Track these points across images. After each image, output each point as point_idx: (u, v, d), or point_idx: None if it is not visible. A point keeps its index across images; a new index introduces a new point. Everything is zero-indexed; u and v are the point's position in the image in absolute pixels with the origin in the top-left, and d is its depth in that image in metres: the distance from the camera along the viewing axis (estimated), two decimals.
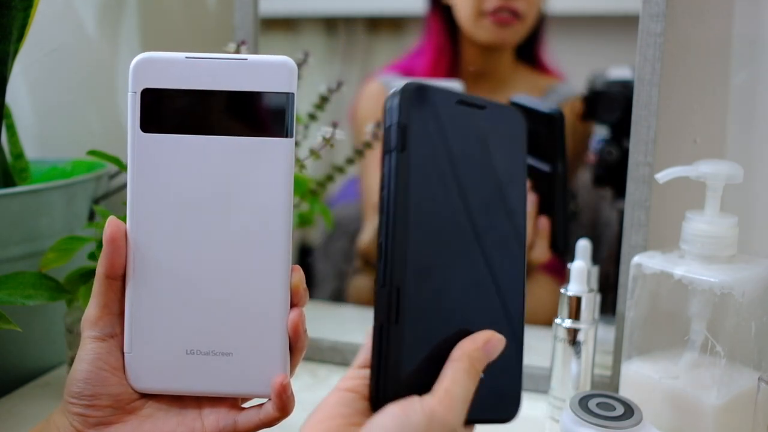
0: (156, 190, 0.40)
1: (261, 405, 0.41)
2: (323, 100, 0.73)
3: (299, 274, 0.41)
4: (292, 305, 0.41)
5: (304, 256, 0.84)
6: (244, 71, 0.39)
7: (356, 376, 0.36)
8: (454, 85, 0.73)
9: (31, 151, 0.82)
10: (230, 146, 0.40)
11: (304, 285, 0.41)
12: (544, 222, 0.72)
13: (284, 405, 0.40)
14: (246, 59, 0.39)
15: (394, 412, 0.33)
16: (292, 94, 0.39)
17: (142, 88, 0.39)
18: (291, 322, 0.40)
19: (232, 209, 0.40)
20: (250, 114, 0.40)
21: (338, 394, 0.35)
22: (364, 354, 0.37)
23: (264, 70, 0.39)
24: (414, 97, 0.37)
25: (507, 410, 0.39)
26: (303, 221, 0.78)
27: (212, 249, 0.40)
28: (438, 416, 0.33)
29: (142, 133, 0.40)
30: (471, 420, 0.37)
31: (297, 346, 0.41)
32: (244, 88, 0.39)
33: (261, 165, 0.40)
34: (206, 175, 0.40)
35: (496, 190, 0.39)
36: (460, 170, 0.38)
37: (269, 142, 0.40)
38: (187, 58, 0.39)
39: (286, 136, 0.40)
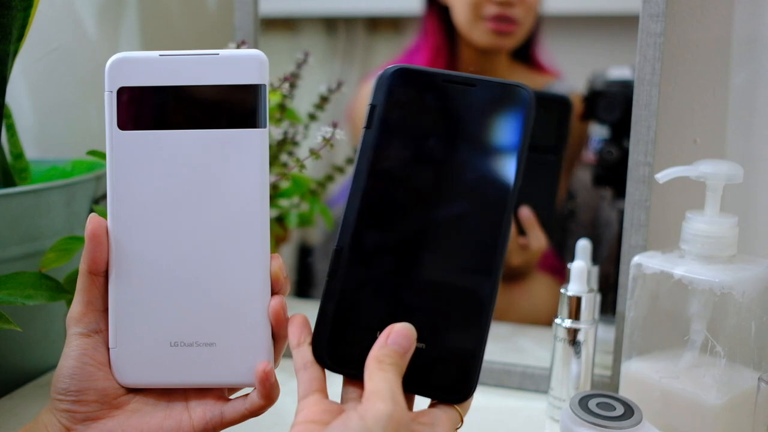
0: (135, 185, 0.40)
1: (247, 395, 0.41)
2: (323, 100, 0.73)
3: (278, 262, 0.41)
4: (273, 293, 0.41)
5: (304, 256, 0.84)
6: (216, 66, 0.40)
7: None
8: None
9: (31, 151, 0.82)
10: (205, 139, 0.40)
11: (284, 273, 0.41)
12: (526, 212, 0.72)
13: (268, 392, 0.40)
14: (217, 54, 0.40)
15: (335, 426, 0.34)
16: (264, 85, 0.40)
17: (117, 87, 0.40)
18: (272, 310, 0.40)
19: (209, 200, 0.40)
20: (224, 107, 0.41)
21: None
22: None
23: (235, 63, 0.40)
24: (388, 80, 0.40)
25: (457, 390, 0.38)
26: (303, 221, 0.78)
27: (192, 241, 0.41)
28: (373, 414, 0.33)
29: (120, 130, 0.40)
30: (415, 392, 0.38)
31: (280, 334, 0.41)
32: (217, 81, 0.40)
33: (236, 156, 0.40)
34: (183, 169, 0.40)
35: (479, 169, 0.40)
36: (434, 149, 0.40)
37: (243, 134, 0.40)
38: (161, 56, 0.40)
39: (260, 127, 0.40)
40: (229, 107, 0.40)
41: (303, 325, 0.39)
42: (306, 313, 0.41)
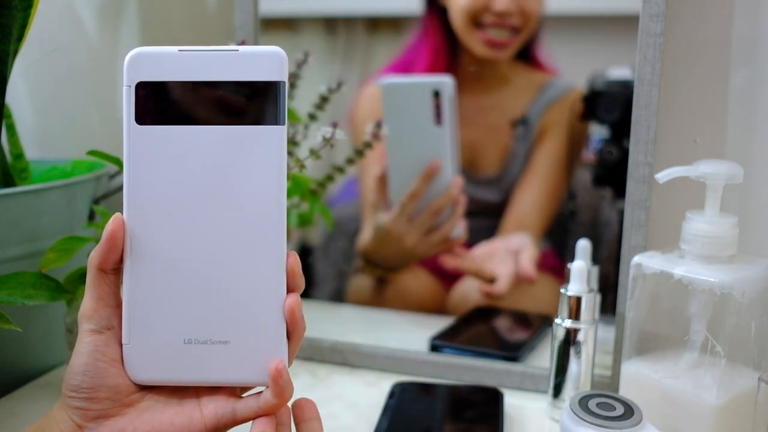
0: (152, 181, 0.40)
1: (260, 393, 0.41)
2: (323, 100, 0.73)
3: (295, 260, 0.41)
4: (289, 291, 0.41)
5: (304, 256, 0.84)
6: (235, 62, 0.40)
7: None
8: (446, 80, 0.73)
9: (31, 151, 0.82)
10: (224, 135, 0.40)
11: (300, 271, 0.41)
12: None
13: (281, 390, 0.40)
14: (237, 50, 0.40)
15: None
16: (283, 82, 0.40)
17: (136, 82, 0.40)
18: (287, 307, 0.40)
19: (226, 197, 0.40)
20: (243, 103, 0.40)
21: None
22: None
23: (255, 60, 0.40)
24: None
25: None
26: (303, 221, 0.78)
27: (208, 238, 0.40)
28: None
29: (137, 125, 0.40)
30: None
31: (294, 332, 0.41)
32: (236, 78, 0.40)
33: (254, 153, 0.40)
34: (201, 165, 0.40)
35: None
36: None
37: (262, 130, 0.40)
38: (180, 51, 0.40)
39: (278, 124, 0.40)
40: (248, 104, 0.40)
41: None
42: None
